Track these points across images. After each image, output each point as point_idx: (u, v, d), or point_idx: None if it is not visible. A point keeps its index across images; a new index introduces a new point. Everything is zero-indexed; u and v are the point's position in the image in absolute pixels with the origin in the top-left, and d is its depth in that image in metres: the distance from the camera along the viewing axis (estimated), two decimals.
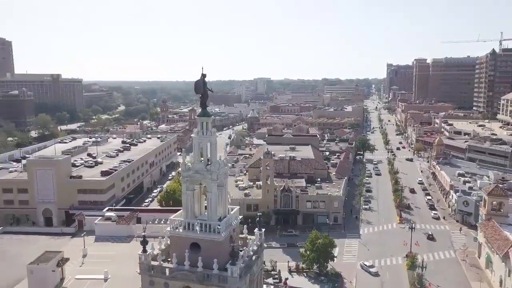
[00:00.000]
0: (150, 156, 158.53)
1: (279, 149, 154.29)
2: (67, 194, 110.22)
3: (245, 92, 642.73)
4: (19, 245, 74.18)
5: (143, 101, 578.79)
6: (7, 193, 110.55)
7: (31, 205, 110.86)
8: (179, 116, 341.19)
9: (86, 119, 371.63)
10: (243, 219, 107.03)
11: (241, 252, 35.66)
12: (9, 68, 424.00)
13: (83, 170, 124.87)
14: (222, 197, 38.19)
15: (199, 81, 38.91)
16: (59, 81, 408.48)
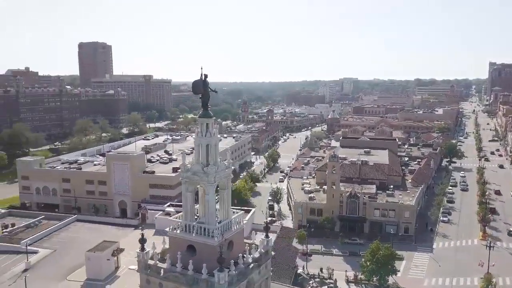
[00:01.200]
0: (224, 155, 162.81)
1: (352, 152, 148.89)
2: (140, 188, 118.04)
3: (329, 92, 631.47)
4: (87, 233, 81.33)
5: (228, 101, 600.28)
6: (89, 184, 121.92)
7: (109, 197, 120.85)
8: (259, 117, 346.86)
9: (173, 118, 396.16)
10: (306, 223, 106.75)
11: (244, 258, 35.09)
12: (109, 69, 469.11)
13: (157, 166, 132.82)
14: (224, 200, 37.64)
15: (198, 81, 38.76)
16: (150, 81, 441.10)
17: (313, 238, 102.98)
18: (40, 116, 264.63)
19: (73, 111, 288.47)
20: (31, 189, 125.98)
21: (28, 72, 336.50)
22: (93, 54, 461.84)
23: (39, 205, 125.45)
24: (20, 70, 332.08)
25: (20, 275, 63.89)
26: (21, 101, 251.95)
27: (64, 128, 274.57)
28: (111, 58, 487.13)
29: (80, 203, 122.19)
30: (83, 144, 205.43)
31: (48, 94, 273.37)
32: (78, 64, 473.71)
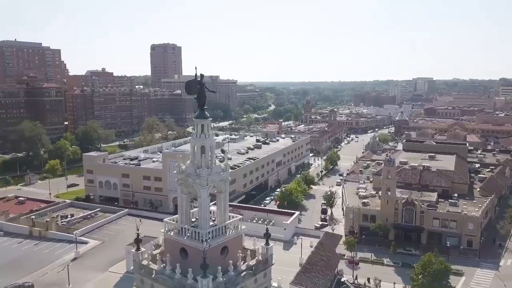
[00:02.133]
0: (277, 155, 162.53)
1: (415, 156, 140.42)
2: None
3: (401, 92, 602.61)
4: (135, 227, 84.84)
5: (293, 101, 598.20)
6: (146, 180, 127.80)
7: (164, 193, 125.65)
8: (322, 117, 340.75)
9: (236, 117, 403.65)
10: (357, 229, 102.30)
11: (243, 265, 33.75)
12: (178, 70, 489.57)
13: None
14: (221, 204, 36.61)
15: (191, 80, 37.95)
16: (217, 82, 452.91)
17: (364, 245, 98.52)
18: (112, 114, 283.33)
19: (142, 110, 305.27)
20: (95, 182, 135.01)
21: (104, 72, 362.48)
22: (163, 55, 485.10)
23: (102, 198, 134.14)
24: (97, 71, 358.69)
25: (68, 263, 68.43)
26: (96, 99, 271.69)
27: (133, 126, 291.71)
28: (181, 59, 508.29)
29: (138, 197, 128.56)
30: (147, 141, 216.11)
31: (119, 93, 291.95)
32: (150, 65, 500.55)
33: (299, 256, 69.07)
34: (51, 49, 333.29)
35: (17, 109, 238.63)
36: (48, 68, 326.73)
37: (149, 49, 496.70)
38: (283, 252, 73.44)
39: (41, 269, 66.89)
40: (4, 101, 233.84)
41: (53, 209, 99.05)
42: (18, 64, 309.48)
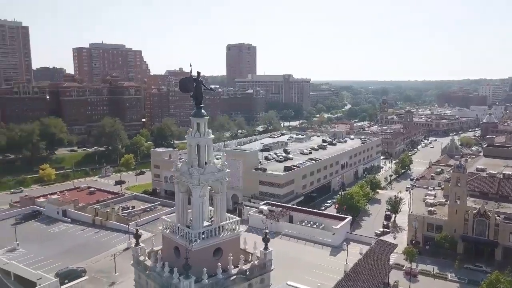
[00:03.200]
0: (343, 157, 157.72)
1: (496, 163, 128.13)
2: (251, 184, 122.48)
3: (493, 93, 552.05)
4: None
5: (371, 101, 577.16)
6: None
7: None
8: (399, 118, 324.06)
9: (308, 117, 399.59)
10: (421, 239, 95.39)
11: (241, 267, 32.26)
12: (252, 70, 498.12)
13: (272, 164, 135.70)
14: (218, 204, 35.53)
15: (186, 78, 37.05)
16: (289, 81, 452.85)
17: (427, 257, 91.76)
18: (186, 112, 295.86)
19: (214, 108, 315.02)
20: (161, 177, 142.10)
21: (181, 72, 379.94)
22: (239, 55, 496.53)
23: (166, 192, 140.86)
24: (175, 71, 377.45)
25: (120, 253, 72.63)
26: (171, 98, 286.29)
27: None
28: (255, 59, 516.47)
29: None
30: (214, 139, 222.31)
31: None
32: (226, 64, 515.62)
33: (344, 263, 66.08)
34: (133, 50, 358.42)
35: (101, 106, 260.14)
36: (130, 68, 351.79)
37: (225, 49, 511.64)
38: (329, 258, 70.82)
39: (96, 256, 71.71)
40: (90, 99, 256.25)
41: (117, 200, 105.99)
42: (103, 65, 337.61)
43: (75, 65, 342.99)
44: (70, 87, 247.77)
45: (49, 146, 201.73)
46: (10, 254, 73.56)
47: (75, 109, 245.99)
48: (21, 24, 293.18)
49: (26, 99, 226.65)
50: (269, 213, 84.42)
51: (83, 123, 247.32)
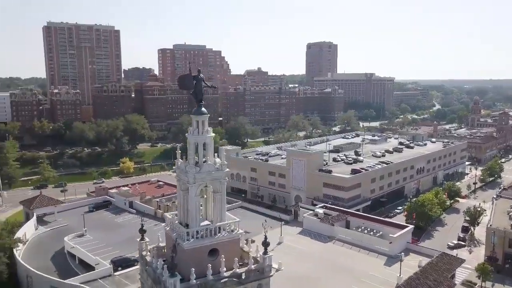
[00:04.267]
0: (419, 161, 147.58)
1: None
2: (314, 185, 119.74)
3: None
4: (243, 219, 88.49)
5: (464, 101, 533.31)
6: (271, 175, 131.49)
7: (287, 190, 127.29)
8: (494, 120, 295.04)
9: (390, 117, 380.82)
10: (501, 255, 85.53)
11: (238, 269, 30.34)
12: (333, 68, 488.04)
13: (339, 166, 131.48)
14: (217, 204, 33.97)
15: (184, 75, 35.75)
16: (371, 79, 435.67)
17: (506, 276, 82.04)
18: (261, 111, 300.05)
19: (290, 108, 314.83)
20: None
21: (259, 72, 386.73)
22: (319, 53, 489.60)
23: (232, 189, 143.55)
24: (253, 71, 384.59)
25: None
26: (247, 97, 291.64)
27: (280, 123, 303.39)
28: (336, 57, 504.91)
29: (263, 192, 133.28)
30: (285, 138, 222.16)
31: (269, 92, 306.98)
32: (305, 63, 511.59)
33: (397, 275, 61.41)
34: (213, 51, 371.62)
35: (181, 105, 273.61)
36: (210, 68, 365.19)
37: (305, 47, 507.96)
38: (382, 268, 66.35)
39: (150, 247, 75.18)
40: (171, 97, 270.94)
41: None
42: (185, 65, 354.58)
43: (160, 65, 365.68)
44: (152, 86, 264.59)
45: (131, 141, 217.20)
46: (78, 239, 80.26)
47: (157, 107, 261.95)
48: (114, 28, 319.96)
49: (114, 97, 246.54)
50: (324, 217, 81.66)
51: (163, 120, 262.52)
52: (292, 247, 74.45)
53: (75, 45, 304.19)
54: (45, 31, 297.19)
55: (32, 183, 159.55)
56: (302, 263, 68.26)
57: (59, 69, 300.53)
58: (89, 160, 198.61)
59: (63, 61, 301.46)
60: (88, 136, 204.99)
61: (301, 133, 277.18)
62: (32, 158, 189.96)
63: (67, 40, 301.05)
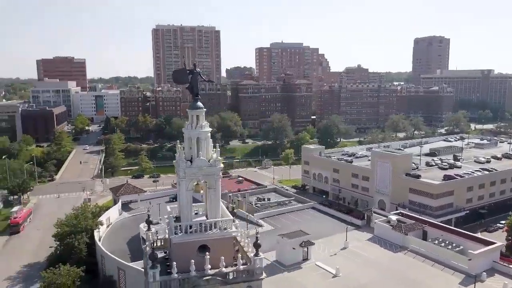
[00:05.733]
0: None
1: None
2: (399, 190, 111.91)
3: None
4: (309, 221, 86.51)
5: None
6: (354, 177, 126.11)
7: (370, 193, 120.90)
8: None
9: (510, 119, 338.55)
10: None
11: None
12: (443, 64, 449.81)
13: (431, 171, 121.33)
14: (211, 200, 32.08)
15: (179, 69, 33.86)
16: (489, 77, 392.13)
17: None
18: (357, 110, 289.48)
19: (389, 107, 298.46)
20: (310, 173, 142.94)
21: (359, 69, 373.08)
22: (427, 49, 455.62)
23: (315, 189, 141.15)
24: (352, 68, 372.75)
25: None
26: (342, 95, 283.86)
27: (378, 123, 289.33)
28: (448, 53, 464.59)
29: (345, 194, 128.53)
30: (379, 139, 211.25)
31: (367, 89, 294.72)
32: (412, 60, 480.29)
33: None
34: (310, 48, 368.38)
35: (274, 103, 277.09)
36: (306, 66, 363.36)
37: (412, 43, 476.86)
38: (456, 287, 59.18)
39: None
40: (265, 96, 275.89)
41: (258, 191, 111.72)
42: (281, 63, 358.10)
43: (256, 64, 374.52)
44: (247, 84, 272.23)
45: (224, 137, 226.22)
46: (152, 227, 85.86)
47: (250, 104, 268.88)
48: (214, 28, 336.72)
49: (211, 95, 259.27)
50: (396, 224, 75.61)
51: (256, 118, 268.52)
52: (357, 253, 70.43)
53: (179, 45, 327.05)
54: (154, 34, 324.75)
55: (131, 172, 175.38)
56: (366, 271, 64.25)
57: (165, 68, 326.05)
58: None
59: (168, 60, 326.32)
60: None
61: (401, 134, 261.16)
62: (135, 150, 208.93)
63: (172, 41, 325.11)
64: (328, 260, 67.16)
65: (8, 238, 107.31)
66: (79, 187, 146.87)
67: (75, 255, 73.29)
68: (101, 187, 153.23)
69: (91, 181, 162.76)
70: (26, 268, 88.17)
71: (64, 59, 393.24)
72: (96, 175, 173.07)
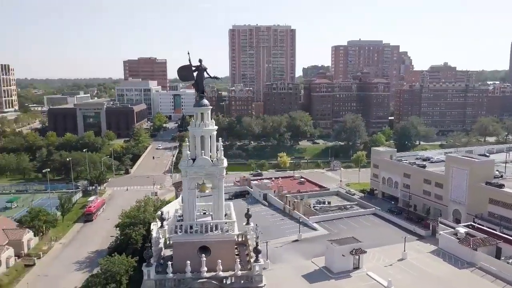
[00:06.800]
0: None
1: None
2: (477, 200, 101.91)
3: None
4: (366, 227, 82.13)
5: None
6: (426, 184, 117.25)
7: (444, 202, 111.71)
8: None
9: None
10: None
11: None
12: None
13: None
14: (215, 200, 29.96)
15: (184, 66, 31.38)
16: None
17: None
18: (441, 111, 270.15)
19: (478, 108, 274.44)
20: (379, 178, 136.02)
21: (445, 67, 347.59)
22: None
23: (384, 195, 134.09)
24: (438, 66, 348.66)
25: (288, 243, 75.21)
26: (424, 95, 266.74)
27: (465, 125, 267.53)
28: None
29: (416, 201, 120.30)
30: (463, 143, 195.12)
31: (452, 89, 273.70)
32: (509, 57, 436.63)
33: None
34: (390, 46, 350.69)
35: (349, 103, 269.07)
36: (385, 64, 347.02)
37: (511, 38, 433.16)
38: None
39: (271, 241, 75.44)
40: (339, 95, 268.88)
41: (318, 194, 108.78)
42: (358, 62, 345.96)
43: (332, 62, 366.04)
44: (320, 83, 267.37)
45: (293, 136, 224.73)
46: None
47: (323, 104, 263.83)
48: (290, 27, 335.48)
49: (281, 94, 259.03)
50: (464, 237, 68.59)
51: (329, 118, 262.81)
52: (415, 266, 65.12)
53: (254, 45, 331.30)
54: (230, 34, 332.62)
55: None
56: (422, 286, 59.22)
57: (240, 68, 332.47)
58: (254, 153, 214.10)
59: (243, 60, 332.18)
60: (254, 130, 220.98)
61: (491, 139, 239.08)
62: None
63: (247, 41, 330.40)
64: (381, 271, 62.91)
65: (82, 225, 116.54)
66: (151, 181, 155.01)
67: (131, 246, 77.02)
68: (170, 182, 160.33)
69: (162, 176, 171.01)
70: (93, 254, 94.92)
71: (147, 59, 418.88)
72: (167, 170, 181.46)
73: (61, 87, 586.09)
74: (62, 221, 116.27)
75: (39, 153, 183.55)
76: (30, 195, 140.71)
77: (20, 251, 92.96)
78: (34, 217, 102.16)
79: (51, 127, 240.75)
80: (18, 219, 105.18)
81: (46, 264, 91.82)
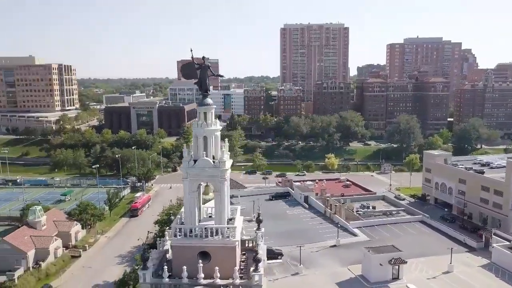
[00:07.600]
0: None
1: None
2: None
3: None
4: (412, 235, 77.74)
5: None
6: (484, 191, 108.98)
7: (504, 211, 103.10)
8: None
9: None
10: None
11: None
12: None
13: None
14: (218, 204, 27.80)
15: (188, 64, 29.31)
16: None
17: None
18: (507, 112, 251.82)
19: None
20: (431, 183, 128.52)
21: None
22: None
23: (437, 201, 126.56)
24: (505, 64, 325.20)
25: (326, 248, 72.63)
26: (487, 95, 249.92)
27: None
28: None
29: (472, 209, 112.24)
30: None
31: None
32: None
33: None
34: (451, 43, 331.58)
35: (404, 103, 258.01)
36: (445, 62, 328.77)
37: None
38: None
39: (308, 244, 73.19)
40: (393, 94, 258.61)
41: (363, 198, 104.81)
42: (415, 60, 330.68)
43: (387, 61, 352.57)
44: (373, 83, 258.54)
45: (343, 137, 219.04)
46: (245, 223, 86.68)
47: (376, 104, 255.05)
48: (343, 25, 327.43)
49: (332, 93, 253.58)
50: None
51: (382, 119, 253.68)
52: (462, 280, 60.21)
53: (306, 44, 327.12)
54: (281, 33, 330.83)
55: (245, 168, 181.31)
56: None
57: (290, 67, 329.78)
58: (301, 153, 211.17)
59: (295, 60, 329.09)
60: (302, 130, 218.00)
61: None
62: (253, 147, 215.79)
63: (299, 40, 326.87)
64: (423, 284, 58.83)
65: (128, 220, 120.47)
66: None
67: None
68: None
69: None
70: (135, 249, 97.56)
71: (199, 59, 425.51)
72: None
73: (119, 87, 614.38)
74: (109, 215, 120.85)
75: (93, 149, 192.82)
76: (83, 189, 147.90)
77: (68, 243, 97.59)
78: (83, 210, 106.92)
79: (107, 125, 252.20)
80: (68, 212, 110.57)
81: (91, 256, 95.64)
